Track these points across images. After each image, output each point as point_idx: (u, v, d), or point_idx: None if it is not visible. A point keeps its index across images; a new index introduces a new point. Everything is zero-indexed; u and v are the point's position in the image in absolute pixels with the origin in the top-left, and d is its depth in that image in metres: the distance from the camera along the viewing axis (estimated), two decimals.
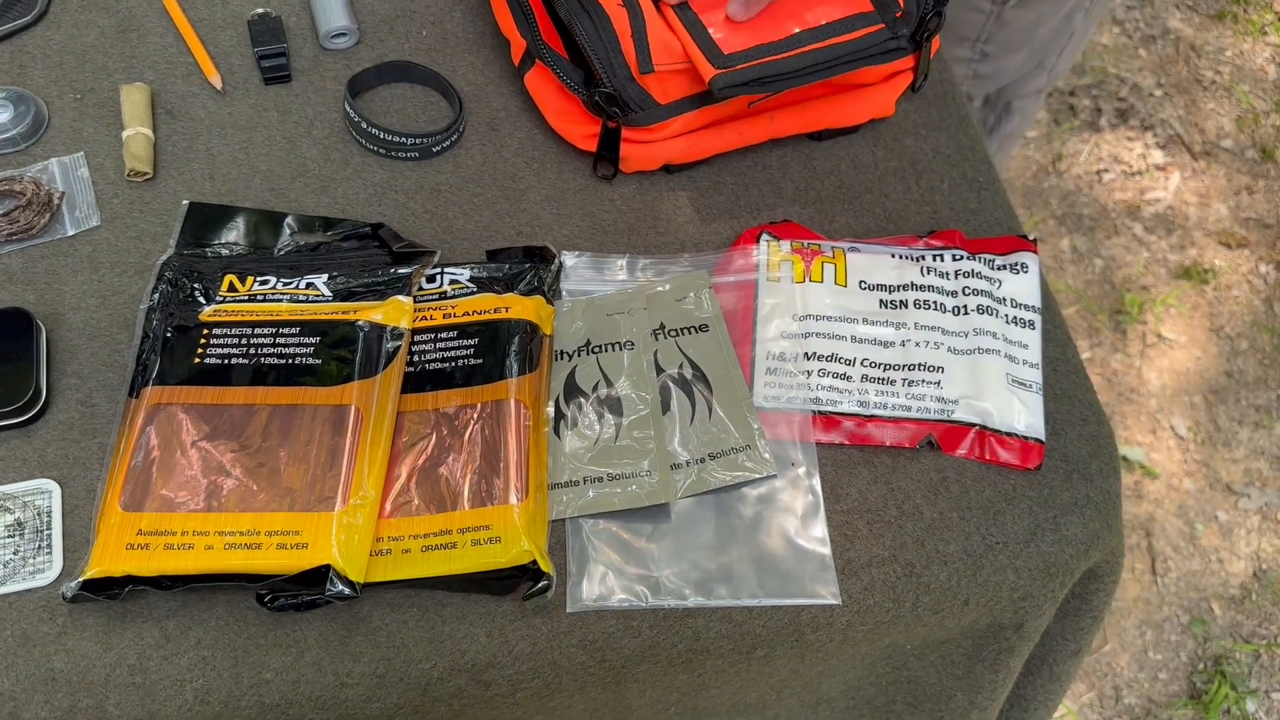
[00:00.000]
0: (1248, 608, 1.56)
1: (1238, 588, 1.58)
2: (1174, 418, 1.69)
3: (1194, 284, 1.81)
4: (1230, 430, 1.69)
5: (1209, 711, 1.47)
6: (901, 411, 0.67)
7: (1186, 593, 1.57)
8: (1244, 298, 1.81)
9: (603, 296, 0.70)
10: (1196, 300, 1.80)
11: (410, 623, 0.60)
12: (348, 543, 0.58)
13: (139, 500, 0.59)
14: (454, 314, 0.67)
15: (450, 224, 0.73)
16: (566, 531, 0.63)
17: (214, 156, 0.75)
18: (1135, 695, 1.50)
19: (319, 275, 0.67)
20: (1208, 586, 1.58)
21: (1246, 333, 1.77)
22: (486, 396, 0.63)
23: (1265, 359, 1.75)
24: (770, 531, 0.64)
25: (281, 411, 0.62)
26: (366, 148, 0.75)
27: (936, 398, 0.67)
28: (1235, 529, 1.62)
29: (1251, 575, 1.59)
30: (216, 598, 0.60)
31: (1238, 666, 1.51)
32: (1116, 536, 0.69)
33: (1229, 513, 1.63)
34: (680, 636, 0.62)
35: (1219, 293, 1.81)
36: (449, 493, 0.61)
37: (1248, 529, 1.62)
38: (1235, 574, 1.59)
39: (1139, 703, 1.49)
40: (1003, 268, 0.72)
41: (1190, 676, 1.51)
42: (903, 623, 0.65)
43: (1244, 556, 1.60)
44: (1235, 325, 1.78)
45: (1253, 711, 1.48)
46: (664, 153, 0.73)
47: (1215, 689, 1.48)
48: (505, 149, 0.76)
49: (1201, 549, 1.60)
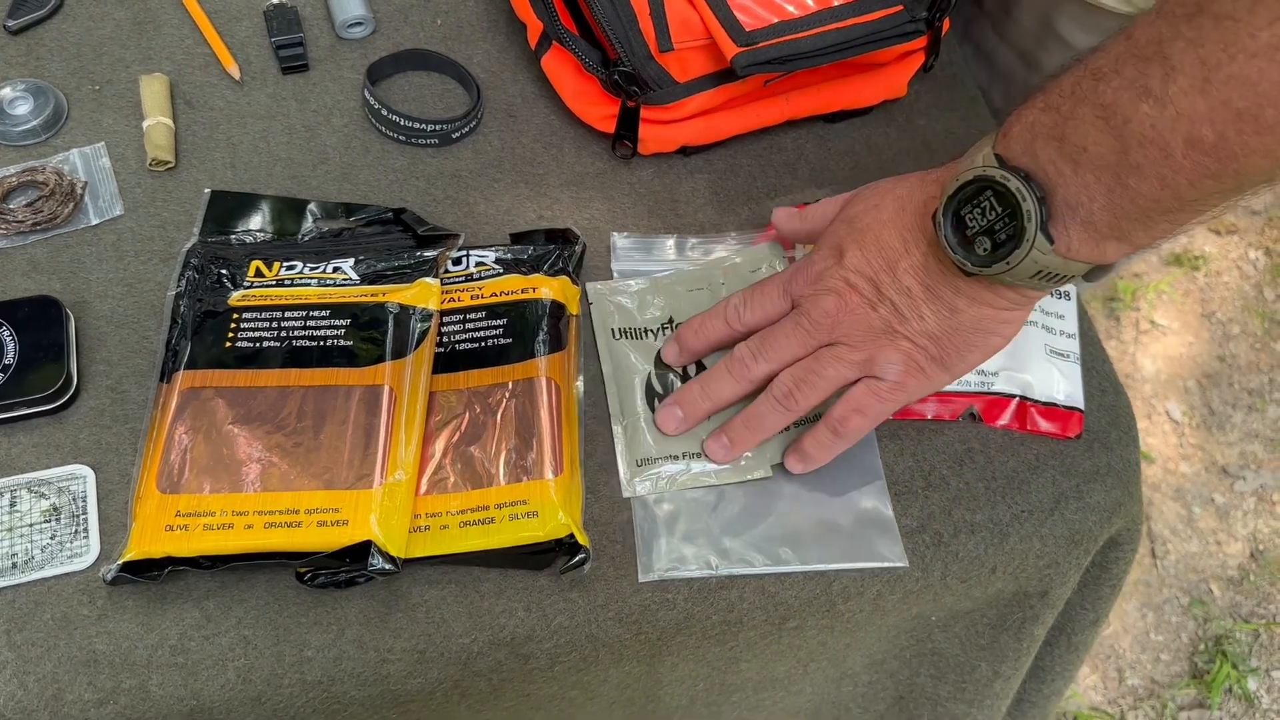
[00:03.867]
0: (1246, 588, 1.58)
1: (1236, 569, 1.60)
2: (1169, 403, 1.71)
3: (1185, 270, 1.83)
4: (1224, 414, 1.71)
5: (1211, 691, 1.49)
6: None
7: (1186, 575, 1.59)
8: (1234, 283, 1.83)
9: (678, 274, 0.71)
10: (1188, 286, 1.82)
11: (449, 598, 0.60)
12: (387, 519, 0.58)
13: (176, 483, 0.59)
14: (482, 295, 0.67)
15: (472, 209, 0.74)
16: (634, 505, 0.64)
17: (234, 145, 0.75)
18: (1138, 676, 1.51)
19: (345, 260, 0.68)
20: (1206, 568, 1.60)
21: (1238, 317, 1.80)
22: (517, 375, 0.64)
23: (1256, 343, 1.78)
24: (833, 497, 0.65)
25: (315, 393, 0.62)
26: (386, 135, 0.76)
27: (976, 370, 0.68)
28: (1232, 511, 1.64)
29: (1249, 556, 1.61)
30: (256, 577, 0.60)
31: (1238, 646, 1.53)
32: (1137, 504, 0.70)
33: (1225, 495, 1.65)
34: (715, 608, 0.62)
35: (1210, 279, 1.83)
36: (484, 469, 0.61)
37: (1244, 511, 1.64)
38: (1233, 555, 1.61)
39: (1142, 684, 1.51)
40: None
41: (1192, 657, 1.53)
42: (931, 592, 0.65)
43: (1241, 538, 1.62)
44: (1226, 310, 1.80)
45: (1254, 690, 1.50)
46: (682, 134, 0.74)
47: (1217, 669, 1.50)
48: (524, 134, 0.77)
49: (1199, 531, 1.62)
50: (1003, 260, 0.53)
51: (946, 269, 0.57)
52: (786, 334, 0.63)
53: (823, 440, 0.64)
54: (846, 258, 0.61)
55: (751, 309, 0.65)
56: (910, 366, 0.60)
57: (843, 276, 0.60)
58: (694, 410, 0.65)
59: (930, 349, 0.60)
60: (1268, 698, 1.50)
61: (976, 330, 0.59)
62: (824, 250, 0.63)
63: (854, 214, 0.62)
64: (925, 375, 0.61)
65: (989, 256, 0.54)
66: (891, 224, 0.60)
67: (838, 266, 0.61)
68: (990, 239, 0.54)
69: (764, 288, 0.65)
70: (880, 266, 0.60)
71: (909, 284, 0.59)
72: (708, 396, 0.65)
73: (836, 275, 0.61)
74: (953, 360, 0.60)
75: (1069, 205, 0.51)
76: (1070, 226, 0.52)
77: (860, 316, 0.60)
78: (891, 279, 0.59)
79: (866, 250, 0.60)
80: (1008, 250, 0.53)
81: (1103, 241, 0.52)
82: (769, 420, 0.64)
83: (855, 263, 0.60)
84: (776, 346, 0.63)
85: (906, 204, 0.60)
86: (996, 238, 0.54)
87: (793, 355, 0.63)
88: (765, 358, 0.63)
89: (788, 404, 0.63)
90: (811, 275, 0.62)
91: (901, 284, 0.59)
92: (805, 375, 0.62)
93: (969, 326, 0.59)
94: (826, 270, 0.61)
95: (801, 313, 0.62)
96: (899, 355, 0.60)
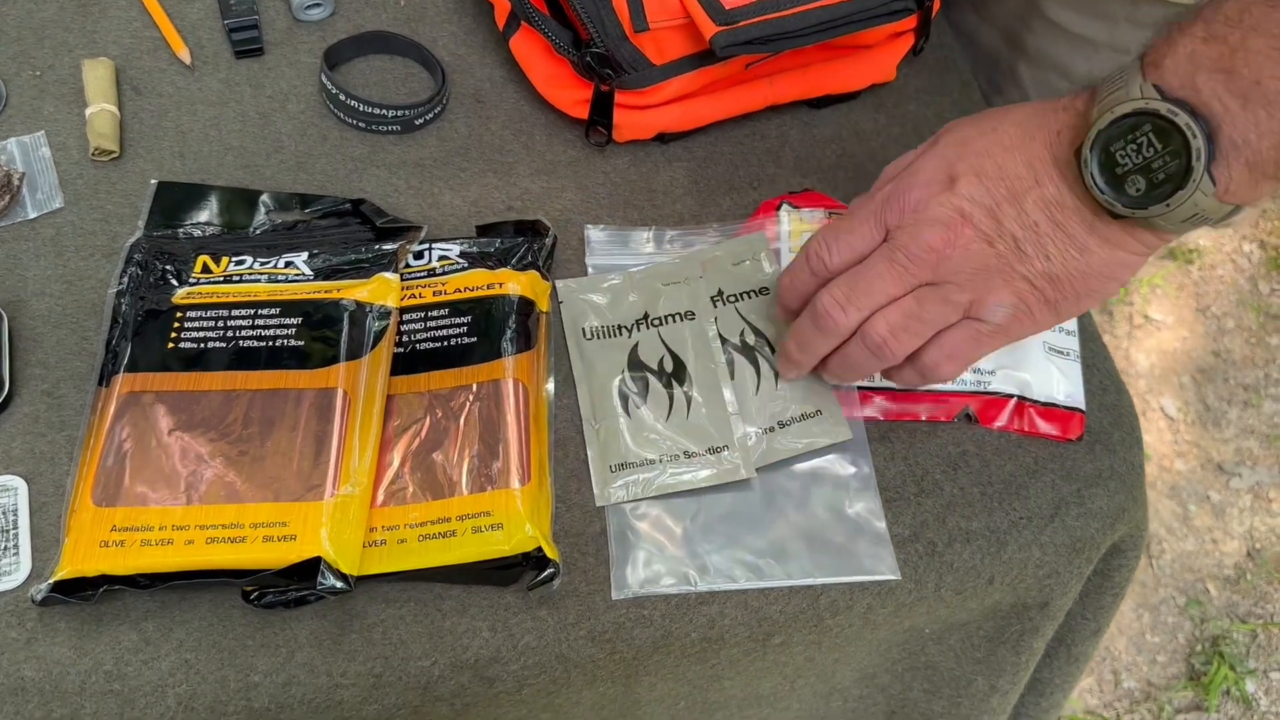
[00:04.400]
0: (1243, 587, 1.55)
1: (1232, 567, 1.56)
2: (1163, 398, 1.68)
3: (1179, 264, 1.80)
4: (1219, 410, 1.68)
5: (1209, 693, 1.45)
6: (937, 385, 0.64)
7: (1182, 574, 1.56)
8: (1229, 277, 1.80)
9: (653, 268, 0.67)
10: (1182, 280, 1.79)
11: (408, 618, 0.56)
12: (339, 533, 0.54)
13: (112, 495, 0.55)
14: (445, 291, 0.63)
15: (436, 199, 0.70)
16: (608, 515, 0.60)
17: (183, 134, 0.71)
18: (1134, 679, 1.48)
19: (298, 254, 0.64)
20: (1202, 567, 1.56)
21: (1233, 312, 1.76)
22: (482, 376, 0.60)
23: (1252, 338, 1.74)
24: (821, 507, 0.61)
25: (263, 397, 0.58)
26: (345, 121, 0.71)
27: (973, 369, 0.64)
28: (1228, 509, 1.61)
29: (1245, 555, 1.58)
30: (199, 596, 0.56)
31: (1235, 647, 1.50)
32: (1141, 509, 0.66)
33: (1221, 493, 1.62)
34: (694, 625, 0.58)
35: (1204, 272, 1.80)
36: (446, 478, 0.57)
37: (1240, 508, 1.61)
38: (1229, 554, 1.57)
39: (1138, 686, 1.47)
40: None
41: (1189, 658, 1.49)
42: (925, 604, 0.62)
43: (1237, 536, 1.59)
44: (1221, 305, 1.77)
45: (1252, 692, 1.47)
46: (659, 120, 0.70)
47: (1214, 670, 1.47)
48: (492, 120, 0.73)
49: (1195, 529, 1.59)
50: (1161, 202, 0.49)
51: (1084, 207, 0.52)
52: (879, 273, 0.55)
53: (909, 379, 0.59)
54: (960, 184, 0.53)
55: (838, 249, 0.57)
56: (1020, 310, 0.55)
57: (955, 206, 0.53)
58: (798, 366, 0.61)
59: (1047, 291, 0.54)
60: (1266, 699, 1.47)
61: (1101, 275, 0.53)
62: (926, 173, 0.55)
63: (965, 135, 0.55)
64: (1033, 319, 0.55)
65: (1144, 197, 0.49)
66: (1017, 150, 0.53)
67: (947, 193, 0.54)
68: (1146, 178, 0.49)
69: (851, 221, 0.57)
70: (1002, 196, 0.53)
71: (1036, 219, 0.53)
72: (805, 352, 0.60)
73: (946, 204, 0.53)
74: (1067, 304, 0.55)
75: (1235, 144, 0.47)
76: (1234, 166, 0.48)
77: (973, 252, 0.53)
78: (1016, 211, 0.53)
79: (986, 178, 0.53)
80: (1167, 191, 0.49)
81: (1262, 182, 0.48)
82: (865, 366, 0.58)
83: (971, 190, 0.53)
84: (868, 289, 0.55)
85: (1034, 131, 0.53)
86: (1154, 177, 0.49)
87: (886, 297, 0.55)
88: (856, 303, 0.56)
89: (882, 353, 0.56)
90: (910, 203, 0.55)
91: (1028, 218, 0.53)
92: (903, 321, 0.55)
93: (1096, 270, 0.53)
94: (932, 198, 0.54)
95: (897, 246, 0.54)
96: (1011, 296, 0.54)
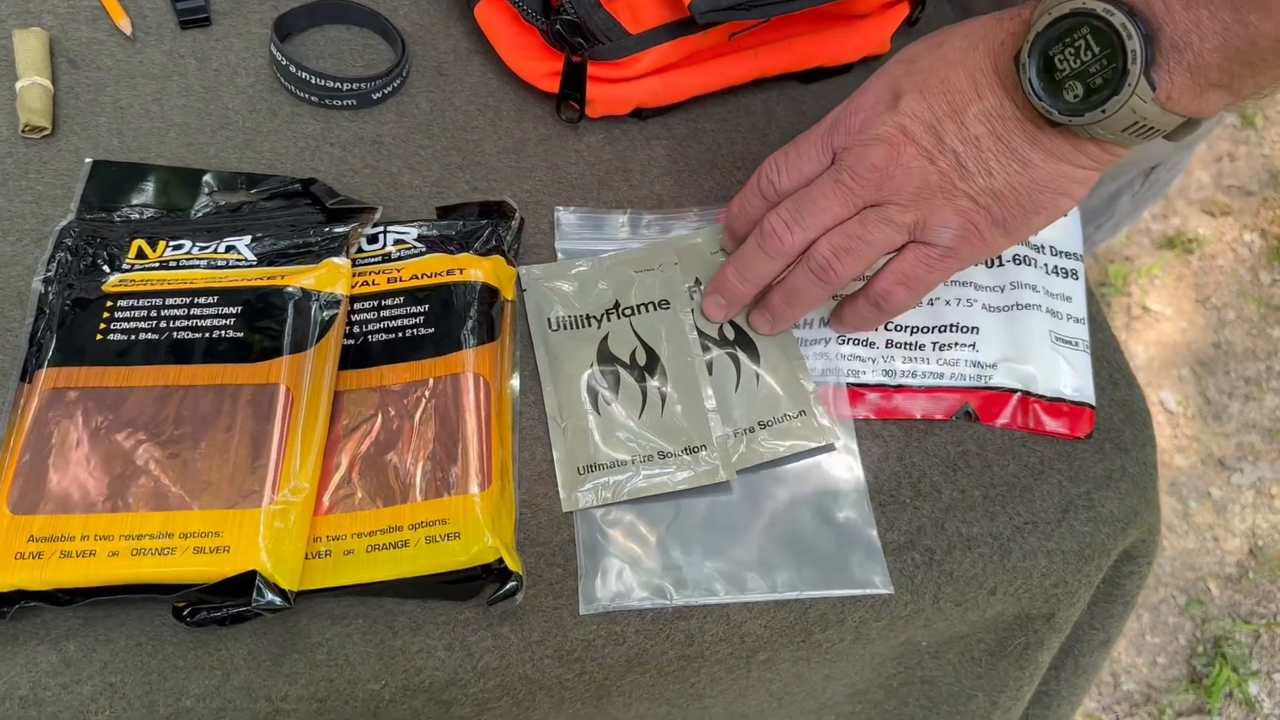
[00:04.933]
0: (1245, 586, 1.51)
1: (1234, 565, 1.52)
2: (1163, 392, 1.64)
3: (1178, 253, 1.75)
4: (1220, 403, 1.64)
5: (1211, 696, 1.41)
6: (933, 379, 0.59)
7: (1182, 573, 1.51)
8: (1229, 266, 1.75)
9: (624, 254, 0.63)
10: (1181, 270, 1.74)
11: (355, 636, 0.51)
12: (277, 544, 0.49)
13: (31, 501, 0.50)
14: (400, 277, 0.58)
15: (394, 179, 0.64)
16: (576, 522, 0.55)
17: (122, 109, 0.66)
18: (1134, 681, 1.44)
19: (241, 237, 0.58)
20: (1204, 565, 1.52)
21: (1233, 302, 1.72)
22: (440, 371, 0.55)
23: (1253, 329, 1.70)
24: (808, 513, 0.56)
25: (198, 394, 0.53)
26: (297, 96, 0.66)
27: (972, 362, 0.59)
28: (1229, 505, 1.56)
29: (1248, 552, 1.53)
30: (125, 613, 0.51)
31: (1238, 648, 1.46)
32: (1154, 512, 0.62)
33: (1222, 488, 1.57)
34: (671, 642, 0.53)
35: (1204, 262, 1.75)
36: (398, 483, 0.52)
37: (1242, 505, 1.57)
38: (1231, 551, 1.53)
39: (1138, 689, 1.43)
40: None
41: (1190, 660, 1.45)
42: (922, 617, 0.57)
43: (1239, 533, 1.54)
44: (1221, 295, 1.73)
45: (1255, 694, 1.42)
46: (635, 94, 0.65)
47: (1216, 672, 1.43)
48: (456, 95, 0.68)
49: (1196, 526, 1.55)
50: (1098, 108, 0.47)
51: (1025, 118, 0.51)
52: (825, 193, 0.54)
53: (864, 314, 0.58)
54: (903, 102, 0.53)
55: (787, 172, 0.57)
56: (967, 230, 0.53)
57: (897, 124, 0.52)
58: (735, 294, 0.58)
59: (993, 209, 0.52)
60: (1269, 702, 1.43)
61: (1047, 189, 0.52)
62: (873, 94, 0.54)
63: (913, 53, 0.54)
64: (983, 240, 0.54)
65: (1081, 103, 0.48)
66: (960, 64, 0.52)
67: (891, 112, 0.53)
68: (1083, 84, 0.48)
69: (800, 144, 0.57)
70: (945, 112, 0.52)
71: (978, 133, 0.51)
72: (745, 279, 0.58)
73: (889, 122, 0.53)
74: (1015, 223, 0.53)
75: (1176, 46, 0.45)
76: (1175, 71, 0.46)
77: (915, 170, 0.52)
78: (957, 127, 0.52)
79: (929, 93, 0.52)
80: (1104, 96, 0.47)
81: (1207, 90, 0.46)
82: (809, 294, 0.57)
83: (913, 107, 0.52)
84: (814, 209, 0.55)
85: (978, 43, 0.52)
86: (1091, 82, 0.48)
87: (833, 218, 0.55)
88: (801, 224, 0.55)
89: (826, 276, 0.55)
90: (856, 123, 0.54)
91: (969, 133, 0.52)
92: (846, 242, 0.54)
93: (1041, 184, 0.52)
94: (876, 117, 0.53)
95: (843, 167, 0.54)
96: (956, 217, 0.53)
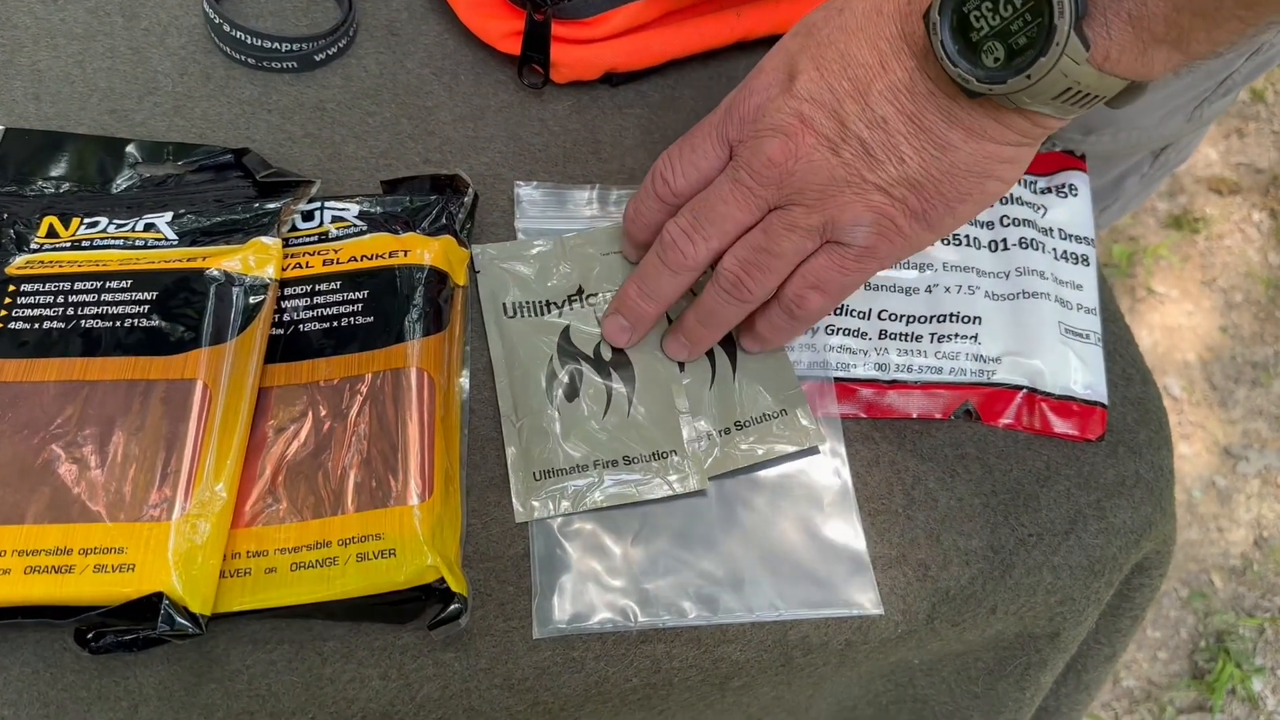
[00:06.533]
0: (1249, 578, 1.46)
1: (1238, 557, 1.47)
2: (1167, 377, 1.58)
3: (1185, 234, 1.69)
4: (1226, 389, 1.58)
5: (1213, 692, 1.37)
6: (931, 374, 0.54)
7: (1185, 564, 1.46)
8: (1237, 247, 1.69)
9: (588, 233, 0.57)
10: (1188, 251, 1.68)
11: (279, 664, 0.46)
12: (189, 561, 0.43)
13: None
14: (337, 259, 0.52)
15: (338, 149, 0.59)
16: (531, 533, 0.50)
17: (40, 73, 0.59)
18: (1134, 677, 1.39)
19: (161, 214, 0.53)
20: (1207, 557, 1.47)
21: (1241, 285, 1.66)
22: (379, 365, 0.49)
23: (1261, 312, 1.64)
24: (789, 525, 0.51)
25: (105, 390, 0.47)
26: (233, 58, 0.60)
27: (973, 355, 0.54)
28: (1234, 494, 1.51)
29: (1252, 544, 1.48)
30: (21, 638, 0.45)
31: (1241, 643, 1.41)
32: (1170, 521, 0.56)
33: (1227, 477, 1.52)
34: (635, 668, 0.48)
35: (1211, 243, 1.70)
36: (328, 492, 0.46)
37: (1247, 494, 1.51)
38: (1235, 543, 1.48)
39: (1138, 685, 1.38)
40: (1047, 190, 0.59)
41: (1192, 655, 1.40)
42: (915, 638, 0.51)
43: (1244, 524, 1.49)
44: (1229, 277, 1.67)
45: (1259, 691, 1.38)
46: (605, 56, 0.59)
47: (1219, 668, 1.38)
48: (408, 57, 0.62)
49: (1200, 517, 1.50)
50: (1021, 73, 0.40)
51: (939, 89, 0.44)
52: (723, 196, 0.48)
53: (777, 323, 0.52)
54: (799, 82, 0.46)
55: (683, 170, 0.51)
56: (883, 227, 0.47)
57: (793, 110, 0.46)
58: (639, 314, 0.52)
59: (910, 201, 0.46)
60: (1273, 699, 1.38)
61: (972, 173, 0.45)
62: (767, 73, 0.48)
63: (812, 23, 0.48)
64: (903, 236, 0.47)
65: (1001, 68, 0.41)
66: (862, 32, 0.45)
67: (786, 95, 0.46)
68: (1004, 44, 0.41)
69: (694, 137, 0.50)
70: (846, 91, 0.45)
71: (885, 113, 0.45)
72: (648, 296, 0.52)
73: (784, 108, 0.46)
74: (938, 214, 0.46)
75: None
76: (1113, 24, 0.39)
77: (817, 163, 0.46)
78: (860, 107, 0.45)
79: (827, 70, 0.45)
80: (1029, 59, 0.40)
81: (1151, 47, 0.39)
82: (724, 314, 0.51)
83: (810, 88, 0.46)
84: (713, 216, 0.49)
85: (884, 4, 0.45)
86: (1014, 42, 0.40)
87: (736, 225, 0.49)
88: (703, 233, 0.49)
89: (740, 294, 0.50)
90: (750, 110, 0.48)
91: (874, 113, 0.45)
92: (753, 256, 0.49)
93: (963, 168, 0.45)
94: (770, 102, 0.47)
95: (740, 164, 0.48)
96: (868, 213, 0.46)
